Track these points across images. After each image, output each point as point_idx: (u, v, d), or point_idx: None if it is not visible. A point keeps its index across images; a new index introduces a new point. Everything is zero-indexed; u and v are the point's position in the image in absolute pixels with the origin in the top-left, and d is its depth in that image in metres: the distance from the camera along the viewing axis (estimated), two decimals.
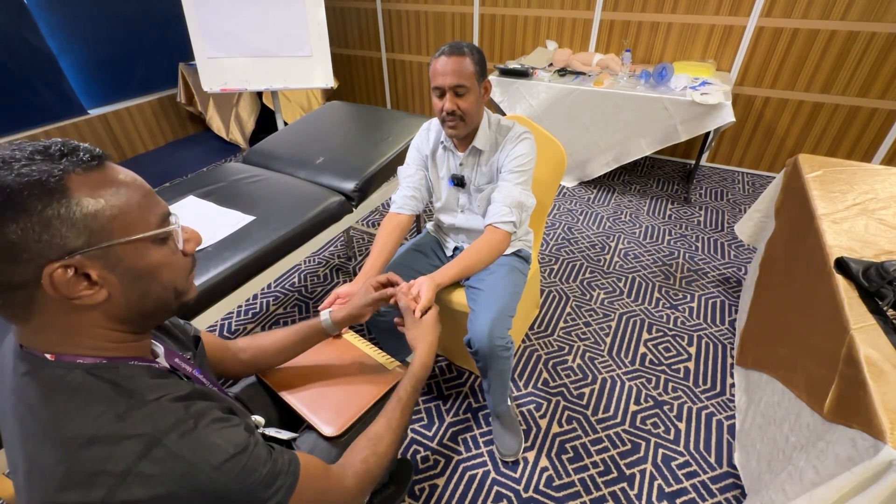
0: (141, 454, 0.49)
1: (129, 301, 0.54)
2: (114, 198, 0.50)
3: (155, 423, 0.51)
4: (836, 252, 1.16)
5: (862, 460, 0.78)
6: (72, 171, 0.48)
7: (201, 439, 0.53)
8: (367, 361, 1.03)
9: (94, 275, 0.49)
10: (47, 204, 0.46)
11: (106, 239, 0.50)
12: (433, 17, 3.59)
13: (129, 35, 3.37)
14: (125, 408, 0.51)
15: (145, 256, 0.54)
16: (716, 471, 1.37)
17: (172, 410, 0.53)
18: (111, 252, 0.50)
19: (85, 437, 0.48)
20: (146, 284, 0.55)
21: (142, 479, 0.48)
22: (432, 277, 1.12)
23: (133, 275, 0.53)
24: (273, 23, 2.46)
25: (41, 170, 0.46)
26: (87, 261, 0.49)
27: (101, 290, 0.51)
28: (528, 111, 2.83)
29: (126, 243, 0.51)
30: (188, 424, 0.53)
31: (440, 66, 1.14)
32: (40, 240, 0.46)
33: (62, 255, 0.47)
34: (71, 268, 0.48)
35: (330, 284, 2.17)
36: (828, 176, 1.53)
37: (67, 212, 0.47)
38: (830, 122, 2.78)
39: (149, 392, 0.54)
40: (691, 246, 2.39)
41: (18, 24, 2.76)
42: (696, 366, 1.71)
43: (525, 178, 1.26)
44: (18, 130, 2.91)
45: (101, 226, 0.49)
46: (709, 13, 2.77)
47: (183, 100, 3.61)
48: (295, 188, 1.59)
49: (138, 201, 0.53)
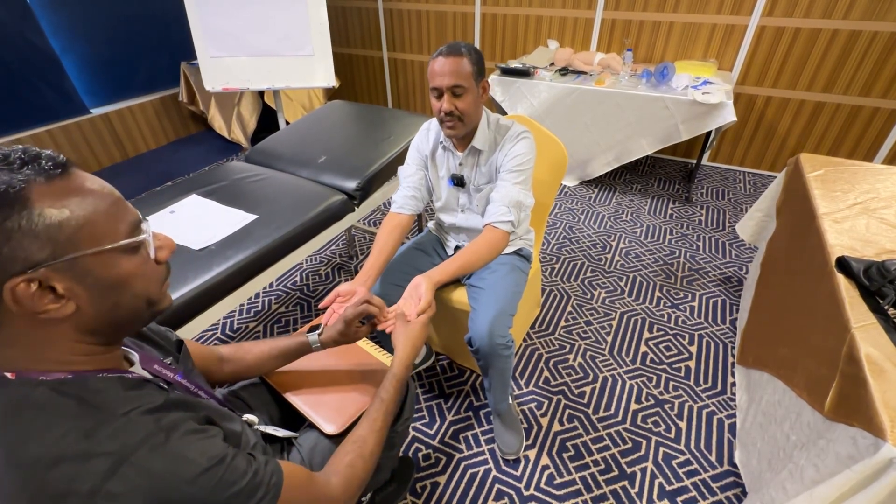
0: (109, 472, 0.47)
1: (100, 313, 0.52)
2: (79, 207, 0.48)
3: (123, 439, 0.49)
4: (837, 251, 1.16)
5: (862, 458, 0.79)
6: (33, 181, 0.45)
7: (173, 453, 0.51)
8: (368, 360, 1.04)
9: (59, 288, 0.47)
10: (7, 216, 0.44)
11: (72, 250, 0.47)
12: (434, 17, 3.59)
13: (131, 34, 3.38)
14: (92, 424, 0.49)
15: (115, 267, 0.51)
16: (716, 469, 1.37)
17: (142, 424, 0.51)
18: (78, 264, 0.48)
19: (49, 457, 0.46)
20: (117, 295, 0.52)
21: (110, 498, 0.46)
22: (429, 277, 1.11)
23: (102, 286, 0.51)
24: (275, 22, 2.46)
25: (0, 180, 0.44)
26: (53, 273, 0.46)
27: (68, 302, 0.49)
28: (530, 110, 2.83)
29: (94, 254, 0.49)
30: (158, 438, 0.51)
31: (438, 66, 1.14)
32: (0, 253, 0.44)
33: (24, 269, 0.45)
34: (35, 281, 0.46)
35: (331, 283, 2.18)
36: (829, 175, 1.53)
37: (29, 223, 0.45)
38: (832, 121, 2.78)
39: (119, 406, 0.52)
40: (692, 245, 2.39)
41: (21, 23, 2.77)
42: (696, 365, 1.71)
43: (524, 177, 1.25)
44: (21, 130, 2.92)
45: (67, 237, 0.47)
46: (710, 12, 2.77)
47: (185, 99, 3.62)
48: (297, 187, 1.59)
49: (106, 210, 0.50)
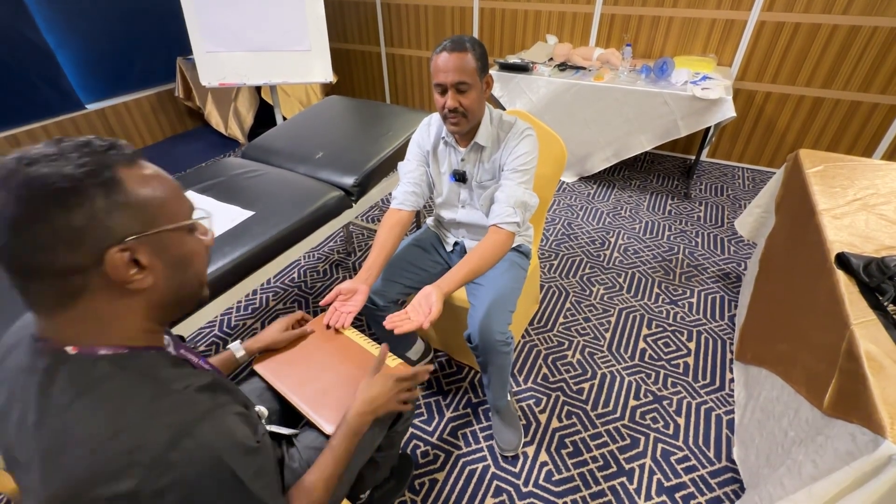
0: (170, 443, 0.49)
1: (169, 288, 0.56)
2: (158, 188, 0.54)
3: (183, 413, 0.52)
4: (836, 247, 1.15)
5: (861, 455, 0.79)
6: (120, 163, 0.51)
7: (227, 430, 0.54)
8: (368, 358, 1.03)
9: (143, 260, 0.52)
10: (109, 191, 0.49)
11: (155, 226, 0.53)
12: (433, 11, 3.57)
13: (126, 29, 3.35)
14: (151, 397, 0.52)
15: (184, 244, 0.57)
16: (715, 465, 1.38)
17: (199, 400, 0.55)
18: (159, 238, 0.53)
19: (113, 428, 0.48)
20: (183, 272, 0.58)
21: (171, 467, 0.48)
22: (439, 287, 1.07)
23: (174, 262, 0.56)
24: (272, 17, 2.44)
25: (96, 161, 0.49)
26: (140, 246, 0.51)
27: (148, 275, 0.53)
28: (529, 106, 2.81)
29: (171, 230, 0.55)
30: (215, 414, 0.54)
31: (442, 62, 1.13)
32: (103, 225, 0.48)
33: (121, 240, 0.49)
34: (127, 252, 0.50)
35: (329, 280, 2.17)
36: (828, 171, 1.53)
37: (126, 199, 0.50)
38: (831, 117, 2.77)
39: (173, 381, 0.55)
40: (691, 241, 2.38)
41: (15, 18, 2.74)
42: (695, 361, 1.71)
43: (528, 177, 1.25)
44: (16, 125, 2.90)
45: (152, 213, 0.52)
46: (710, 7, 2.75)
47: (181, 94, 3.60)
48: (294, 183, 1.58)
49: (175, 192, 0.57)
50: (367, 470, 1.06)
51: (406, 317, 1.03)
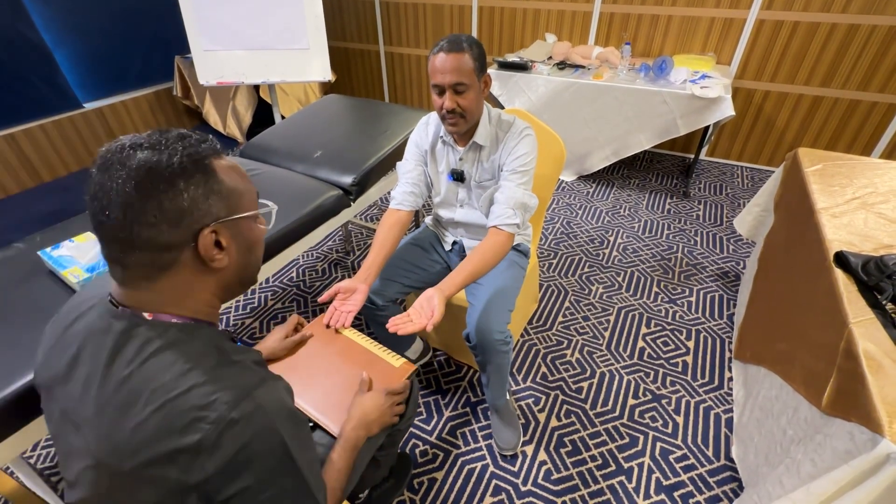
0: (233, 403, 0.52)
1: (237, 269, 0.62)
2: (238, 179, 0.60)
3: (245, 378, 0.56)
4: (835, 246, 1.15)
5: (860, 453, 0.79)
6: (212, 155, 0.57)
7: (281, 399, 0.59)
8: (372, 359, 1.02)
9: (224, 242, 0.58)
10: (207, 177, 0.55)
11: (237, 212, 0.59)
12: (431, 10, 3.56)
13: (124, 28, 3.33)
14: (216, 363, 0.56)
15: (253, 230, 0.64)
16: (713, 464, 1.38)
17: (256, 371, 0.59)
18: (237, 224, 0.60)
19: (182, 386, 0.52)
20: (249, 256, 0.64)
21: (231, 425, 0.51)
22: (441, 290, 1.07)
23: (245, 246, 0.62)
24: (270, 15, 2.43)
25: (196, 151, 0.55)
26: (223, 229, 0.58)
27: (225, 256, 0.59)
28: (527, 105, 2.81)
29: (247, 217, 0.61)
30: (270, 384, 0.58)
31: (439, 63, 1.12)
32: (200, 207, 0.55)
33: (212, 222, 0.56)
34: (214, 233, 0.56)
35: (328, 279, 2.17)
36: (827, 170, 1.53)
37: (219, 186, 0.57)
38: (830, 115, 2.77)
39: (233, 353, 0.60)
40: (690, 240, 2.39)
41: (12, 16, 2.72)
42: (694, 360, 1.71)
43: (527, 178, 1.24)
44: (13, 124, 2.88)
45: (235, 201, 0.59)
46: (709, 6, 2.75)
47: (179, 93, 3.59)
48: (292, 182, 1.58)
49: (250, 184, 0.63)
50: (367, 469, 1.06)
51: (408, 319, 1.02)
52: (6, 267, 1.18)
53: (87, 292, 0.66)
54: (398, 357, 1.03)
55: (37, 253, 1.17)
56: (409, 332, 1.00)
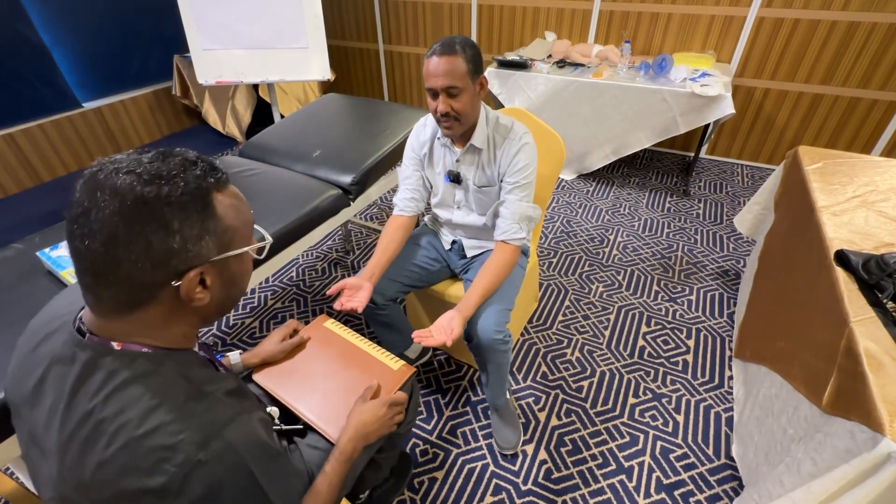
0: (201, 444, 0.50)
1: (219, 303, 0.58)
2: (238, 216, 0.56)
3: (214, 415, 0.53)
4: (835, 244, 1.15)
5: (860, 452, 0.79)
6: (215, 188, 0.53)
7: (254, 435, 0.56)
8: (370, 362, 1.02)
9: (208, 280, 0.54)
10: (205, 217, 0.51)
11: (228, 250, 0.55)
12: (431, 8, 3.55)
13: (123, 27, 3.33)
14: (185, 398, 0.53)
15: (241, 265, 0.59)
16: (714, 463, 1.38)
17: (228, 404, 0.56)
18: (225, 262, 0.56)
19: (148, 425, 0.50)
20: (232, 289, 0.60)
21: (199, 467, 0.49)
22: (460, 312, 1.14)
23: (231, 281, 0.58)
24: (269, 14, 2.42)
25: (200, 186, 0.51)
26: (210, 269, 0.54)
27: (208, 293, 0.55)
28: (527, 103, 2.81)
29: (237, 255, 0.57)
30: (242, 419, 0.55)
31: (432, 66, 1.11)
32: (192, 250, 0.51)
33: (200, 264, 0.52)
34: (200, 274, 0.53)
35: (328, 278, 2.16)
36: (828, 168, 1.52)
37: (214, 226, 0.52)
38: (830, 113, 2.77)
39: (205, 384, 0.57)
40: (690, 239, 2.38)
41: (11, 16, 2.72)
42: (694, 358, 1.71)
43: (528, 190, 1.27)
44: (12, 124, 2.88)
45: (229, 238, 0.55)
46: (709, 4, 2.74)
47: (178, 93, 3.58)
48: (291, 182, 1.57)
49: (247, 218, 0.59)
50: (368, 470, 1.06)
51: (430, 334, 1.10)
52: (5, 267, 1.18)
53: (58, 305, 0.63)
54: (396, 359, 1.02)
55: (35, 253, 1.17)
56: (429, 345, 1.09)
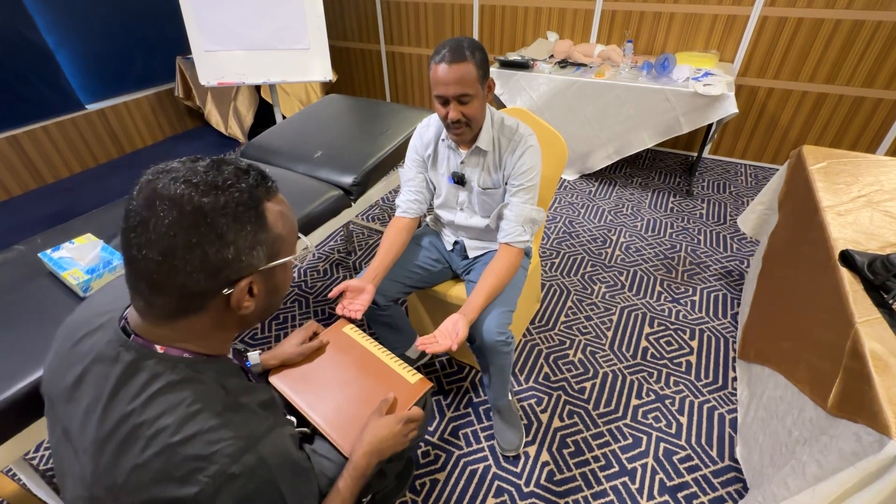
0: (234, 457, 0.50)
1: (261, 310, 0.59)
2: (286, 223, 0.57)
3: (250, 428, 0.54)
4: (840, 244, 1.14)
5: (866, 455, 0.78)
6: (265, 198, 0.54)
7: (285, 449, 0.56)
8: (386, 373, 0.99)
9: (255, 289, 0.55)
10: (258, 228, 0.52)
11: (276, 259, 0.56)
12: (432, 9, 3.55)
13: (125, 29, 3.34)
14: (222, 407, 0.53)
15: (285, 274, 0.60)
16: (717, 465, 1.37)
17: (264, 417, 0.57)
18: (272, 271, 0.56)
19: (186, 432, 0.50)
20: (274, 297, 0.60)
21: (231, 480, 0.49)
22: (464, 315, 1.14)
23: (274, 289, 0.59)
24: (270, 15, 2.43)
25: (252, 196, 0.52)
26: (259, 277, 0.54)
27: (255, 301, 0.56)
28: (529, 103, 2.80)
29: (283, 264, 0.57)
30: (276, 433, 0.56)
31: (442, 74, 1.08)
32: (244, 260, 0.52)
33: (251, 273, 0.53)
34: (250, 283, 0.53)
35: (330, 279, 2.16)
36: (832, 167, 1.51)
37: (266, 236, 0.53)
38: (835, 112, 2.75)
39: (240, 394, 0.57)
40: (693, 239, 2.37)
41: (15, 18, 2.73)
42: (697, 359, 1.70)
43: (533, 192, 1.26)
44: (16, 126, 2.90)
45: (278, 248, 0.56)
46: (712, 3, 2.73)
47: (181, 94, 3.59)
48: (293, 183, 1.57)
49: (293, 227, 0.59)
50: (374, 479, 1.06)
51: (434, 340, 1.09)
52: (7, 269, 1.18)
53: (100, 301, 0.63)
54: (414, 372, 1.00)
55: (37, 255, 1.17)
56: (435, 352, 1.07)
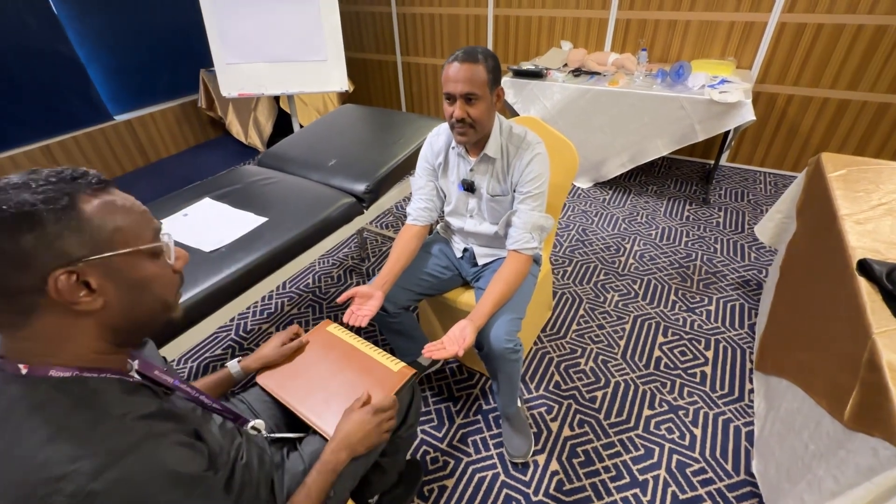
0: (94, 474, 0.48)
1: (123, 310, 0.57)
2: (117, 215, 0.56)
3: (114, 442, 0.51)
4: (859, 253, 1.11)
5: (883, 470, 0.76)
6: (81, 192, 0.53)
7: (158, 462, 0.53)
8: (370, 364, 1.03)
9: (93, 283, 0.53)
10: (59, 218, 0.51)
11: (107, 250, 0.54)
12: (447, 20, 3.61)
13: (153, 43, 3.48)
14: (85, 426, 0.51)
15: (140, 269, 0.58)
16: (732, 479, 1.33)
17: (135, 429, 0.54)
18: (110, 262, 0.55)
19: (42, 457, 0.48)
20: (139, 295, 0.59)
21: (91, 497, 0.47)
22: (472, 321, 1.15)
23: (128, 285, 0.57)
24: (288, 28, 2.50)
25: (57, 189, 0.52)
26: (89, 269, 0.53)
27: (98, 297, 0.54)
28: (543, 112, 2.81)
29: (124, 255, 0.56)
30: (148, 445, 0.53)
31: (452, 72, 1.12)
32: (50, 248, 0.50)
33: (67, 263, 0.51)
34: (74, 274, 0.52)
35: (343, 285, 2.19)
36: (852, 175, 1.48)
37: (77, 225, 0.52)
38: (858, 119, 2.68)
39: (115, 407, 0.55)
40: (709, 248, 2.33)
41: (51, 35, 2.88)
42: (713, 370, 1.67)
43: (541, 200, 1.27)
44: (49, 137, 3.03)
45: (104, 238, 0.54)
46: (728, 10, 2.71)
47: (204, 105, 3.71)
48: (307, 190, 1.61)
49: (135, 218, 0.58)
50: (374, 475, 1.07)
51: (441, 346, 1.10)
52: None
53: None
54: (397, 361, 1.03)
55: None
56: (441, 358, 1.08)
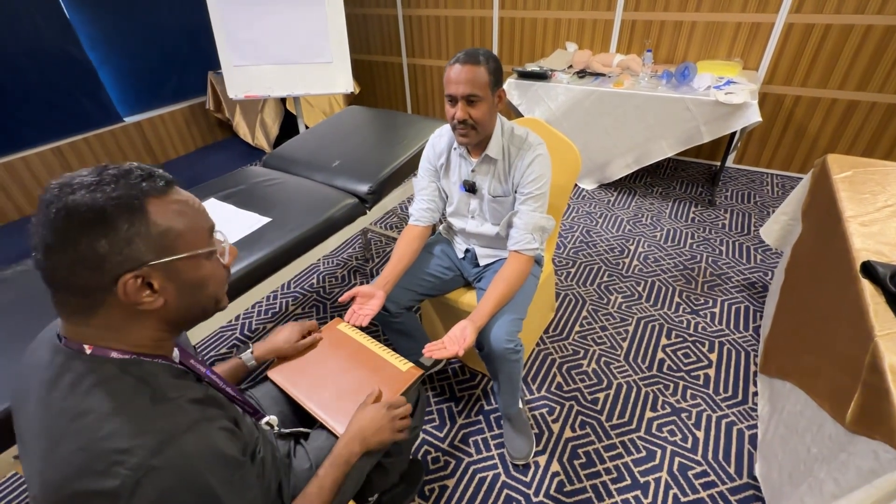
0: (156, 450, 0.51)
1: (181, 308, 0.61)
2: (180, 218, 0.58)
3: (173, 421, 0.55)
4: (863, 255, 1.10)
5: (884, 472, 0.75)
6: (150, 195, 0.56)
7: (211, 443, 0.57)
8: (379, 363, 1.04)
9: (156, 284, 0.56)
10: (132, 223, 0.53)
11: (171, 254, 0.57)
12: (453, 22, 3.62)
13: (162, 46, 3.53)
14: (146, 403, 0.55)
15: (199, 269, 0.61)
16: (735, 482, 1.32)
17: (190, 411, 0.58)
18: (173, 265, 0.57)
19: (106, 429, 0.52)
20: (196, 293, 0.62)
21: (153, 473, 0.51)
22: (473, 321, 1.15)
23: (188, 285, 0.60)
24: (295, 31, 2.53)
25: (128, 193, 0.54)
26: (153, 272, 0.56)
27: (159, 297, 0.57)
28: (547, 114, 2.81)
29: (186, 258, 0.59)
30: (202, 426, 0.57)
31: (454, 73, 1.14)
32: (122, 253, 0.53)
33: (136, 267, 0.54)
34: (140, 277, 0.55)
35: (347, 285, 2.21)
36: (857, 177, 1.46)
37: (146, 230, 0.54)
38: (867, 120, 2.65)
39: (169, 390, 0.59)
40: (715, 250, 2.32)
41: (63, 38, 2.93)
42: (716, 373, 1.66)
43: (542, 201, 1.27)
44: (60, 138, 3.09)
45: (170, 242, 0.57)
46: (734, 10, 2.69)
47: (211, 107, 3.76)
48: (310, 191, 1.62)
49: (197, 221, 0.61)
50: (376, 474, 1.07)
51: (442, 346, 1.11)
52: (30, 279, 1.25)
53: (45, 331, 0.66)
54: (405, 361, 1.04)
55: None
56: (441, 357, 1.09)
